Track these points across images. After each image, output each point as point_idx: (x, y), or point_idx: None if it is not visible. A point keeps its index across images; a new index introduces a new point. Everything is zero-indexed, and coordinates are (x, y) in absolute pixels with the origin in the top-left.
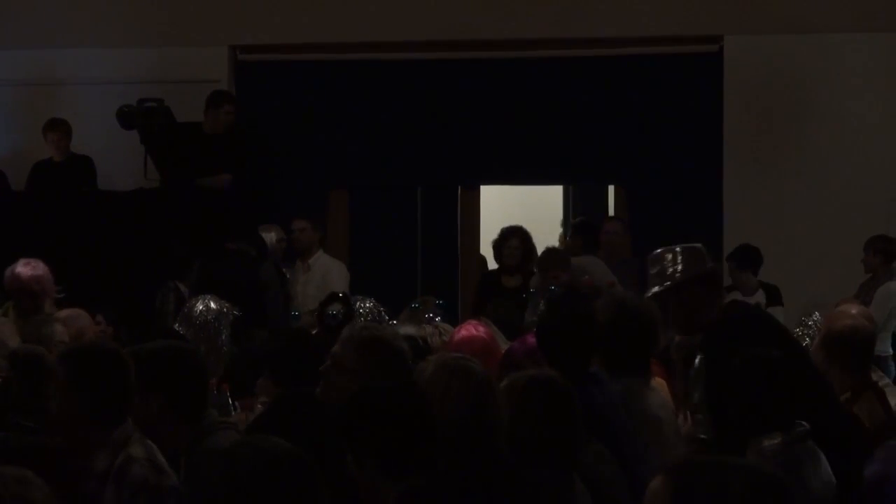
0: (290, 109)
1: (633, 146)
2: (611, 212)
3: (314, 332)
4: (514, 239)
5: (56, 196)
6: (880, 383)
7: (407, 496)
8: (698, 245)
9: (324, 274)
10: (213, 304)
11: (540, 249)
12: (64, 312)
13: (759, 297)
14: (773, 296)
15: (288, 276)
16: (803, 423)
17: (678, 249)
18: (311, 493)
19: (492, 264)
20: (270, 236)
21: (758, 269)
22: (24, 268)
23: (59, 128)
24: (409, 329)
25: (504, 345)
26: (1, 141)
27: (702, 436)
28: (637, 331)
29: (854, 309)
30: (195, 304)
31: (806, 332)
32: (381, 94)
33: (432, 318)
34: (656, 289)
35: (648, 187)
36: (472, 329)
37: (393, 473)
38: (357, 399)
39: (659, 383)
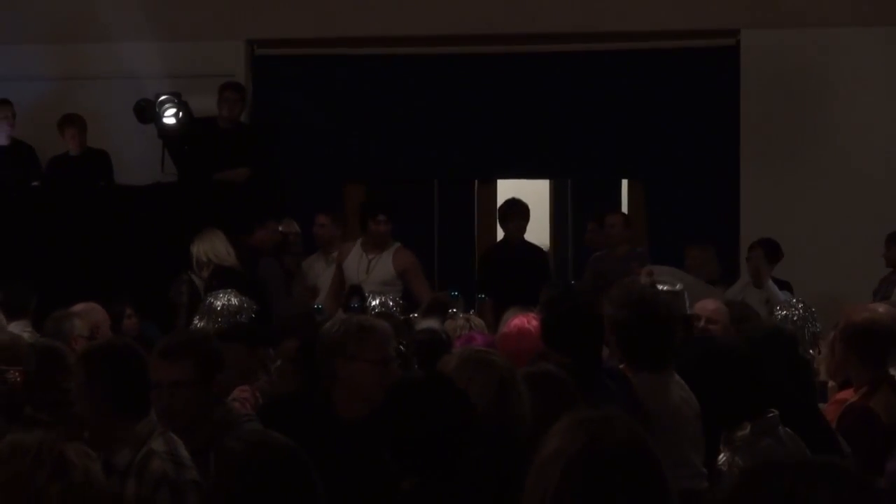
0: (307, 103)
1: (650, 140)
2: (623, 206)
3: None
4: None
5: (72, 190)
6: None
7: (415, 491)
8: None
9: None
10: (233, 300)
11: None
12: (79, 307)
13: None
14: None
15: (304, 268)
16: (773, 410)
17: None
18: (309, 485)
19: None
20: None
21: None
22: None
23: (74, 122)
24: (431, 322)
25: None
26: (21, 134)
27: None
28: (655, 325)
29: (881, 308)
30: (216, 299)
31: (790, 313)
32: (397, 89)
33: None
34: None
35: (665, 181)
36: (524, 321)
37: (411, 467)
38: (392, 393)
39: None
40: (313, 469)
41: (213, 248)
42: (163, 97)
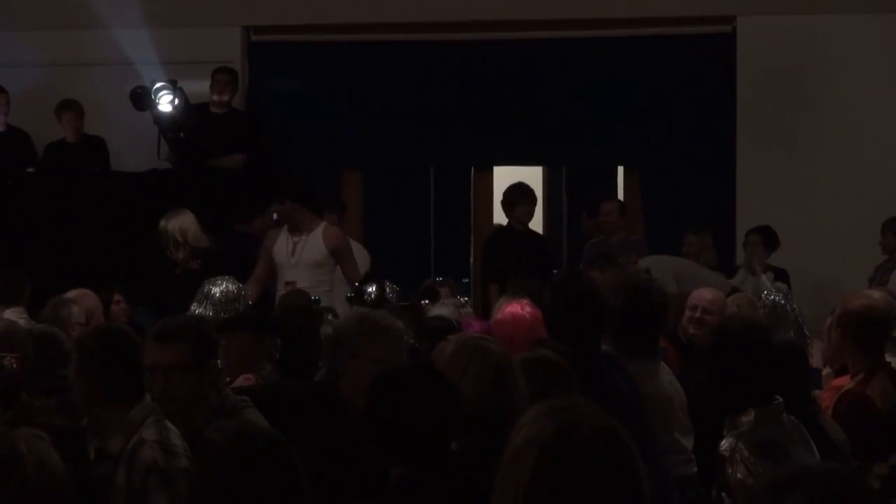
0: (303, 90)
1: (647, 127)
2: (619, 193)
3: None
4: None
5: (69, 177)
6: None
7: (405, 481)
8: None
9: None
10: (231, 286)
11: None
12: (72, 293)
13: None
14: (781, 278)
15: None
16: (778, 398)
17: None
18: (291, 475)
19: None
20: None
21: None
22: None
23: (72, 108)
24: (442, 310)
25: None
26: (16, 121)
27: None
28: (649, 313)
29: (877, 294)
30: (213, 287)
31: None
32: (394, 75)
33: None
34: None
35: (661, 168)
36: (517, 308)
37: (400, 457)
38: (378, 384)
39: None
40: (297, 459)
41: (190, 228)
42: (158, 84)
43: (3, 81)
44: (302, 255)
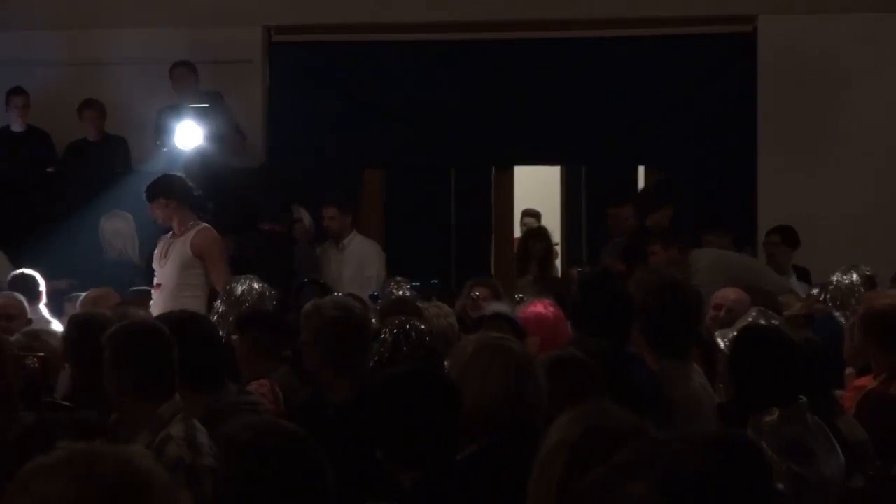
0: (324, 90)
1: (667, 127)
2: None
3: None
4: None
5: (90, 176)
6: None
7: (419, 485)
8: None
9: (360, 256)
10: (255, 285)
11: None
12: (94, 292)
13: (792, 277)
14: (803, 277)
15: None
16: (803, 397)
17: None
18: (318, 473)
19: None
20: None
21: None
22: None
23: (94, 107)
24: (500, 306)
25: None
26: (39, 120)
27: None
28: (684, 313)
29: None
30: (236, 286)
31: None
32: (414, 75)
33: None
34: None
35: (682, 167)
36: (541, 307)
37: (408, 462)
38: (379, 387)
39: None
40: (322, 455)
41: (128, 236)
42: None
43: (24, 81)
44: (170, 257)
